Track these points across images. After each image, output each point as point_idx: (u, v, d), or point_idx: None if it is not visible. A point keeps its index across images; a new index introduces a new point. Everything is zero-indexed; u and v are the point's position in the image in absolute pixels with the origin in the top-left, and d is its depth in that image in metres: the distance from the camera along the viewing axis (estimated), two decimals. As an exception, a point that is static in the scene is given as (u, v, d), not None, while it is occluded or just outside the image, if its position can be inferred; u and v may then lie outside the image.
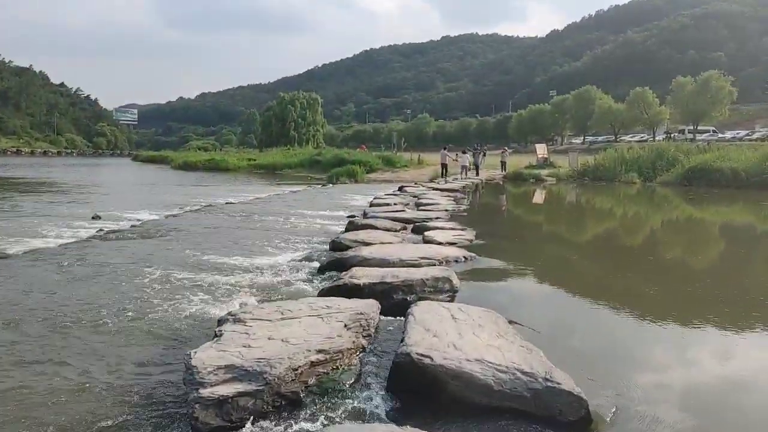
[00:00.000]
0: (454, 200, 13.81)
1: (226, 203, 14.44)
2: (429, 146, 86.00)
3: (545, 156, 33.99)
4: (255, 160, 46.53)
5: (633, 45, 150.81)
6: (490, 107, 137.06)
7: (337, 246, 6.69)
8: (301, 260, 6.40)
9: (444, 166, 25.04)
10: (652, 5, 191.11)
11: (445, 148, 27.90)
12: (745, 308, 4.82)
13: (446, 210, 10.91)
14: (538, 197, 18.98)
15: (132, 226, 9.77)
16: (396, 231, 8.08)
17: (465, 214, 11.14)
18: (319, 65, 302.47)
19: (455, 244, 6.81)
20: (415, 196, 14.87)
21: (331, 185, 24.50)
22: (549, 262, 7.01)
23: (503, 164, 29.05)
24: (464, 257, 5.95)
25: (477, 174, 27.50)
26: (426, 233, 7.39)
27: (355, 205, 14.32)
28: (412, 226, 8.58)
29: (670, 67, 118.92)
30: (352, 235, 7.05)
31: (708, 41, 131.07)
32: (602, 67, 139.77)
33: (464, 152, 28.51)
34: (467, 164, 26.57)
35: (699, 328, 4.22)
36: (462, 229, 8.09)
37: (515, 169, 28.29)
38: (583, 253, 8.08)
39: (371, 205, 12.18)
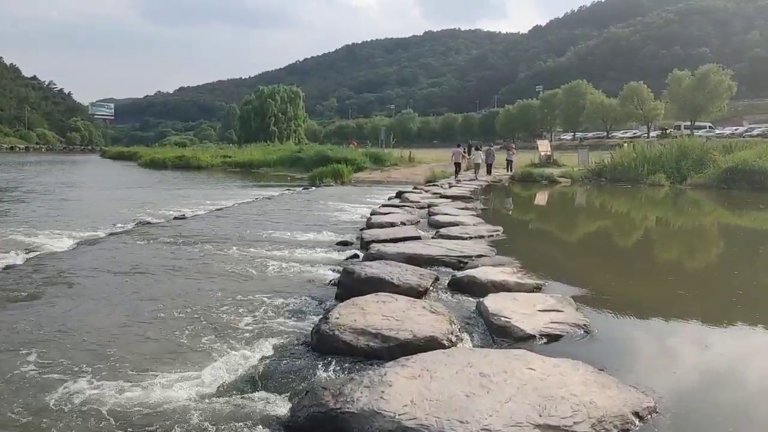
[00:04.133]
0: (474, 213, 10.51)
1: (174, 218, 10.95)
2: (414, 142, 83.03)
3: (548, 153, 30.98)
4: (230, 157, 42.78)
5: (617, 40, 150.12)
6: (474, 103, 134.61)
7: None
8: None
9: (458, 165, 23.32)
10: (633, 2, 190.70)
11: (459, 146, 25.60)
12: None
13: (481, 236, 7.59)
14: (576, 207, 15.91)
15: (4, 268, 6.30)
16: (425, 288, 4.76)
17: (506, 239, 7.81)
18: (301, 60, 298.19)
19: (558, 337, 3.53)
20: (422, 207, 11.55)
21: (313, 188, 21.04)
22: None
23: (509, 163, 25.87)
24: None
25: (489, 173, 24.60)
26: (488, 306, 4.06)
27: (347, 220, 10.94)
28: (449, 277, 5.27)
29: (655, 63, 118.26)
30: (349, 317, 3.71)
31: (692, 37, 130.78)
32: (587, 63, 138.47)
33: (477, 149, 25.57)
34: (480, 162, 24.20)
35: None
36: (536, 285, 4.82)
37: (520, 168, 25.21)
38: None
39: (369, 224, 8.81)
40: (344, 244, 8.04)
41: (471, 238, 7.43)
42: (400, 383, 2.63)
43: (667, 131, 54.75)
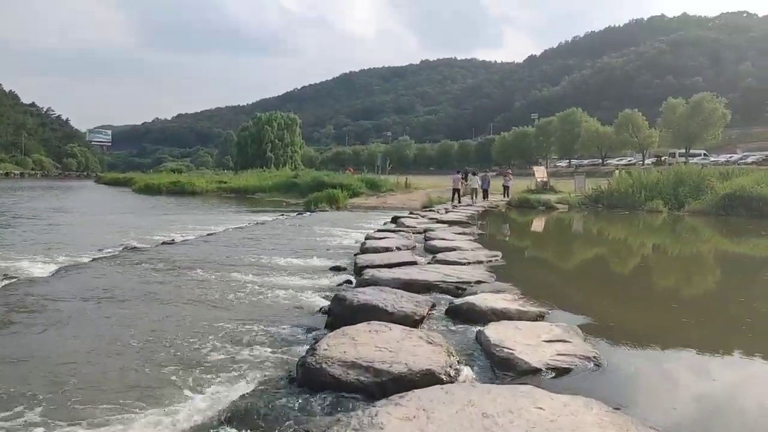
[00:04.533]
0: (472, 238, 10.23)
1: (162, 243, 10.62)
2: (410, 169, 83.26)
3: (545, 179, 30.87)
4: (225, 182, 42.55)
5: (611, 70, 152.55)
6: (470, 130, 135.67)
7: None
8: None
9: (456, 191, 23.58)
10: (627, 32, 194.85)
11: (458, 172, 25.81)
12: None
13: (479, 261, 7.29)
14: (575, 233, 15.74)
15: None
16: (421, 316, 4.45)
17: (505, 265, 7.48)
18: (299, 87, 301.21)
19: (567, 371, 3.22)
20: (418, 232, 11.27)
21: (308, 213, 20.76)
22: None
23: (506, 189, 25.74)
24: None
25: (486, 198, 24.63)
26: (489, 335, 3.75)
27: (340, 245, 10.64)
28: (447, 305, 4.96)
29: (648, 92, 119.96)
30: (338, 348, 3.40)
31: (686, 67, 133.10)
32: (581, 92, 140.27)
33: (474, 174, 25.58)
34: (477, 187, 24.27)
35: None
36: (539, 313, 4.52)
37: (517, 194, 25.07)
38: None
39: (363, 249, 8.51)
40: (337, 269, 7.73)
41: (469, 263, 7.13)
42: (392, 425, 2.31)
43: (662, 159, 55.02)
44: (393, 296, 4.82)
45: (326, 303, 5.31)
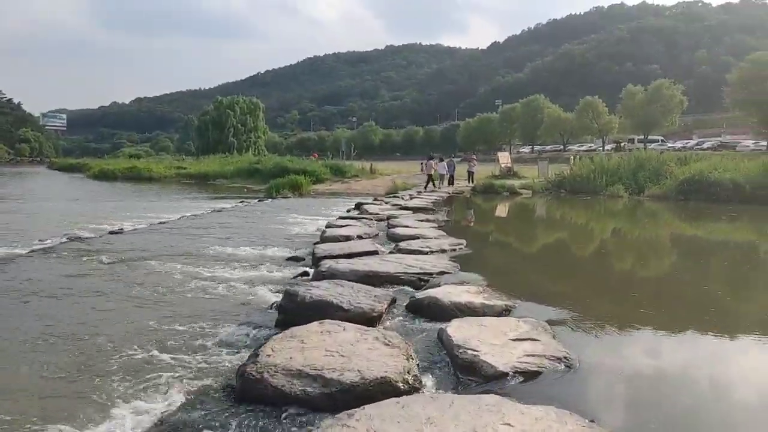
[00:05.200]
0: (436, 225, 9.94)
1: (109, 233, 9.98)
2: (376, 154, 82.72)
3: (509, 165, 30.93)
4: (185, 168, 41.32)
5: (572, 57, 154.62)
6: (435, 116, 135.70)
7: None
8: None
9: (430, 177, 23.61)
10: (587, 20, 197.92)
11: (431, 158, 25.66)
12: None
13: (443, 250, 6.99)
14: (539, 219, 15.67)
15: None
16: (379, 313, 4.10)
17: (470, 254, 7.20)
18: (262, 72, 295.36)
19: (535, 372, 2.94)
20: (381, 219, 10.92)
21: (269, 200, 20.17)
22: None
23: (470, 175, 25.60)
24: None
25: (451, 184, 24.49)
26: (452, 335, 3.43)
27: (301, 234, 10.21)
28: (408, 299, 4.62)
29: (608, 79, 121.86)
30: (284, 353, 3.02)
31: (644, 54, 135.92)
32: (543, 78, 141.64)
33: (441, 160, 25.41)
34: (444, 173, 24.27)
35: None
36: (506, 307, 4.24)
37: (482, 179, 25.01)
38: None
39: (323, 238, 8.11)
40: (295, 260, 7.34)
41: (432, 252, 6.82)
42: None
43: (622, 144, 56.07)
44: (350, 291, 4.46)
45: (279, 298, 4.92)
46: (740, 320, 4.65)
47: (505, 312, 4.20)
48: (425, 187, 23.11)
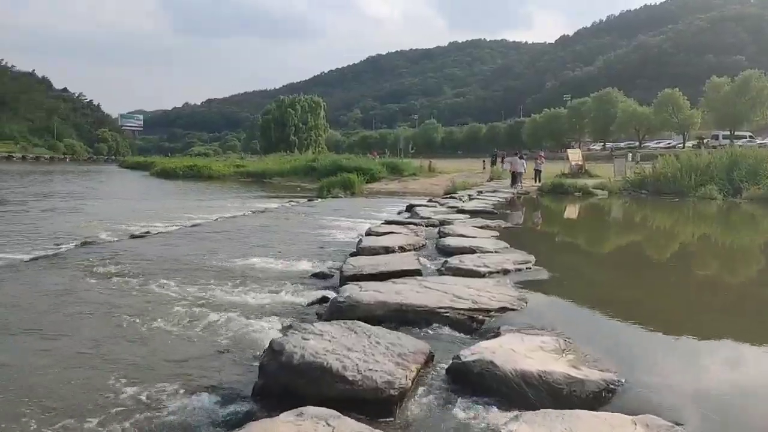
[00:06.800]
0: (497, 232, 8.32)
1: (131, 237, 9.00)
2: (438, 152, 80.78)
3: (580, 163, 28.53)
4: (243, 166, 41.25)
5: (648, 49, 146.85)
6: (500, 113, 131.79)
7: None
8: None
9: (517, 175, 22.28)
10: (664, 9, 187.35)
11: (516, 154, 24.33)
12: None
13: (505, 270, 5.41)
14: (628, 227, 12.83)
15: None
16: (402, 388, 2.63)
17: (542, 279, 5.36)
18: (326, 71, 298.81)
19: None
20: (432, 225, 9.42)
21: (319, 200, 19.05)
22: None
23: (537, 173, 23.51)
24: None
25: (516, 184, 22.51)
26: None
27: (337, 241, 8.88)
28: (451, 357, 3.13)
29: (687, 71, 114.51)
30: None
31: (726, 44, 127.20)
32: (615, 72, 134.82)
33: (521, 157, 23.82)
34: (523, 171, 22.68)
35: None
36: (607, 383, 2.68)
37: (550, 178, 22.93)
38: None
39: (359, 249, 6.71)
40: (320, 277, 5.99)
41: (491, 273, 5.27)
42: None
43: (704, 141, 51.57)
44: (365, 342, 3.03)
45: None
46: None
47: (606, 392, 2.64)
48: (512, 185, 22.04)
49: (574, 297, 4.95)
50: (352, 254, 6.93)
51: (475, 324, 3.77)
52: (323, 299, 4.83)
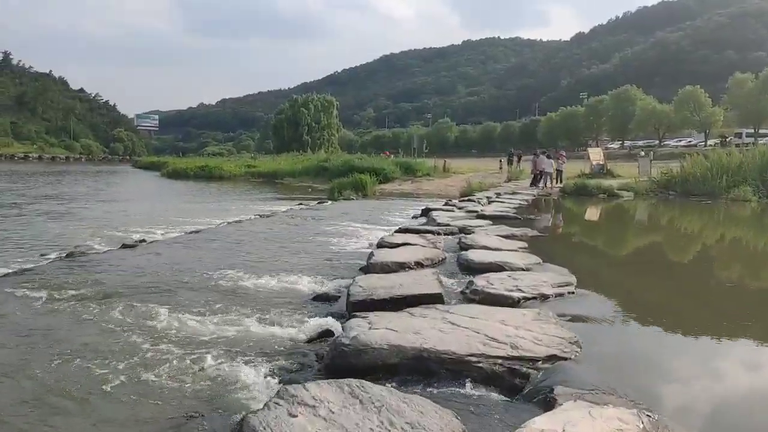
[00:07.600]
0: (525, 243, 7.41)
1: (122, 246, 8.23)
2: (451, 152, 79.64)
3: (601, 162, 27.39)
4: (255, 167, 40.61)
5: (666, 45, 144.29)
6: (514, 112, 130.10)
7: None
8: None
9: (541, 175, 21.54)
10: (682, 5, 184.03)
11: (544, 153, 23.39)
12: None
13: (542, 295, 4.53)
14: (670, 233, 11.09)
15: None
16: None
17: (590, 311, 4.26)
18: (339, 70, 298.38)
19: None
20: (451, 233, 8.53)
21: (329, 202, 18.23)
22: None
23: (559, 173, 22.45)
24: None
25: (535, 184, 21.67)
26: None
27: (346, 252, 8.03)
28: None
29: (707, 68, 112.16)
30: None
31: (747, 41, 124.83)
32: (633, 69, 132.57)
33: (549, 156, 22.72)
34: (552, 170, 21.75)
35: None
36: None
37: (571, 179, 21.91)
38: None
39: (369, 265, 5.86)
40: (324, 299, 5.15)
41: (525, 299, 4.39)
42: None
43: (727, 139, 49.91)
44: (373, 424, 2.17)
45: (262, 399, 2.73)
46: None
47: None
48: (535, 184, 21.48)
49: (642, 337, 3.93)
50: (362, 269, 6.09)
51: (517, 380, 2.90)
52: (326, 333, 3.98)
